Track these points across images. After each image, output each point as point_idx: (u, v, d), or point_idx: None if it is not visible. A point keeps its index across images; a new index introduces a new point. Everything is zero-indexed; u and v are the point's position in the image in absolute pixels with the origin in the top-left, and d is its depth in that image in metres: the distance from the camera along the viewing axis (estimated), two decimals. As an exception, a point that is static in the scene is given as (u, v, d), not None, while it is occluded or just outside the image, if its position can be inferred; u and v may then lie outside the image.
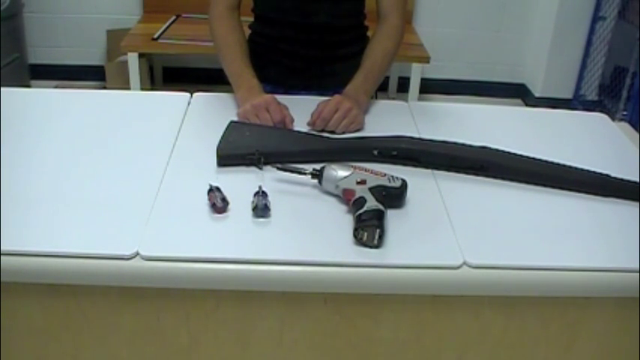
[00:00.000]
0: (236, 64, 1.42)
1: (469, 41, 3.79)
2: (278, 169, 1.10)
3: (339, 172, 1.06)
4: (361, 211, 0.98)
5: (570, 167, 1.17)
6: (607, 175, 1.15)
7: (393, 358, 1.03)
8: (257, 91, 1.36)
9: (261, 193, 1.03)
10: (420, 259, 0.94)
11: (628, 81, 3.24)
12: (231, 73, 1.42)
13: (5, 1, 3.20)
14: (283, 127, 1.27)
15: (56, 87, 3.42)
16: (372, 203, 1.00)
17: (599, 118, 1.50)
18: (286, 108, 1.31)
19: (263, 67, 1.55)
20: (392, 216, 1.02)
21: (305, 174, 1.09)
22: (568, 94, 3.74)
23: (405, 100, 1.57)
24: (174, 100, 1.42)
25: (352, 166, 1.07)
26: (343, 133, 1.29)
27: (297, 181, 1.11)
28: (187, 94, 1.44)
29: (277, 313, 0.98)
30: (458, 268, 0.94)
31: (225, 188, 1.05)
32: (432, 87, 3.71)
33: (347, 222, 1.01)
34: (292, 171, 1.10)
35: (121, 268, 0.91)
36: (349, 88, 1.38)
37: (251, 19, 1.59)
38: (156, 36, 3.27)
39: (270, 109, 1.27)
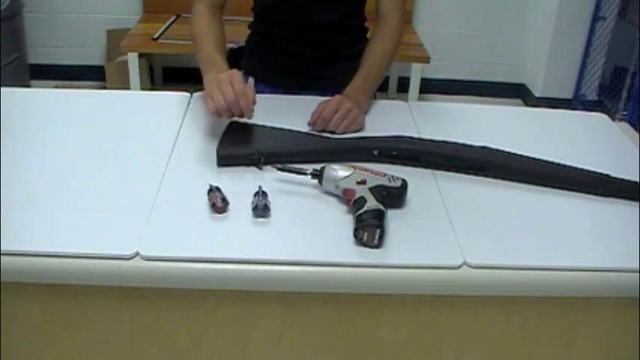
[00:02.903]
0: (208, 52, 1.33)
1: (469, 41, 3.79)
2: (278, 169, 1.10)
3: (339, 172, 1.06)
4: (361, 211, 0.98)
5: (570, 167, 1.17)
6: (607, 175, 1.15)
7: (393, 358, 1.03)
8: None
9: (261, 193, 1.03)
10: (420, 259, 0.94)
11: (628, 81, 3.24)
12: (201, 60, 1.33)
13: (5, 1, 3.20)
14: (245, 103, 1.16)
15: (56, 87, 3.42)
16: (372, 203, 1.00)
17: (599, 118, 1.50)
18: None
19: (262, 67, 1.55)
20: (392, 216, 1.02)
21: (305, 174, 1.09)
22: (568, 94, 3.74)
23: (405, 100, 1.57)
24: (174, 100, 1.42)
25: (352, 166, 1.07)
26: (343, 133, 1.29)
27: (297, 181, 1.11)
28: (187, 94, 1.43)
29: (277, 313, 0.98)
30: (458, 268, 0.94)
31: (225, 188, 1.05)
32: (432, 87, 3.71)
33: (347, 222, 1.01)
34: (292, 171, 1.09)
35: (121, 268, 0.91)
36: (349, 88, 1.38)
37: (251, 19, 1.58)
38: (156, 36, 3.27)
39: (234, 81, 1.16)
